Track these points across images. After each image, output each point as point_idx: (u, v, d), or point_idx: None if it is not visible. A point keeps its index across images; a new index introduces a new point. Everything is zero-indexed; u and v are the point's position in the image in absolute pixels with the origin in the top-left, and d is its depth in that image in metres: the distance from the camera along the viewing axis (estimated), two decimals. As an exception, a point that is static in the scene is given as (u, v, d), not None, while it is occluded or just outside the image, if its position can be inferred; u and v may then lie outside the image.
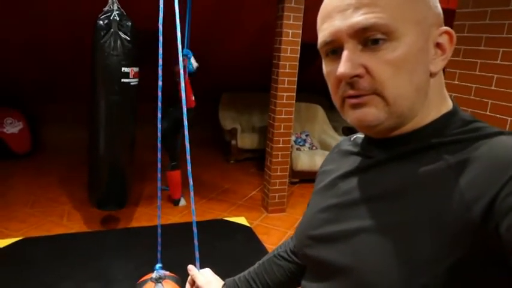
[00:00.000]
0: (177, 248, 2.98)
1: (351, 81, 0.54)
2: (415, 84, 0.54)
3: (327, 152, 5.28)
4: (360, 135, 0.71)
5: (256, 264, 0.90)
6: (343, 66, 0.54)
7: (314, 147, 5.39)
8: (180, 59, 1.38)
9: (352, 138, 0.74)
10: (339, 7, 0.54)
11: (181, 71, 1.38)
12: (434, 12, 0.57)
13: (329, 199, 0.67)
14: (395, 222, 0.54)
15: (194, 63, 3.60)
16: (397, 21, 0.52)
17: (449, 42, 0.57)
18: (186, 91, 3.69)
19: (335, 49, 0.57)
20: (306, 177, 4.94)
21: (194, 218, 1.32)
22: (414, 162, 0.56)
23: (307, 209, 0.75)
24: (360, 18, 0.52)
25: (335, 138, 5.39)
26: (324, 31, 0.57)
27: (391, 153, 0.59)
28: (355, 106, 0.56)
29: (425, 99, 0.57)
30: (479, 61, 2.08)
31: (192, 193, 1.27)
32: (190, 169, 1.38)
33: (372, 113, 0.55)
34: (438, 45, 0.57)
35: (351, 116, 0.57)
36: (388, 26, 0.52)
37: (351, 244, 0.59)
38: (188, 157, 1.34)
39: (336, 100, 0.60)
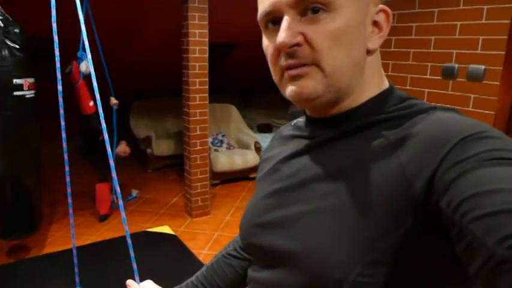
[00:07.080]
0: (98, 268, 2.78)
1: (290, 50, 0.54)
2: (353, 58, 0.55)
3: (245, 151, 5.38)
4: (300, 119, 0.70)
5: (204, 267, 0.84)
6: (282, 35, 0.53)
7: (231, 147, 5.42)
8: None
9: (292, 123, 0.73)
10: None
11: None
12: None
13: (272, 184, 0.66)
14: (338, 202, 0.54)
15: (84, 67, 3.34)
16: None
17: (386, 20, 0.58)
18: (82, 97, 3.45)
19: (275, 20, 0.56)
20: (227, 178, 4.95)
21: (127, 228, 1.23)
22: (355, 141, 0.56)
23: (251, 198, 0.73)
24: None
25: (251, 136, 5.47)
26: (264, 2, 0.56)
27: (332, 132, 0.59)
28: (293, 78, 0.55)
29: (362, 76, 0.57)
30: (412, 51, 2.16)
31: (120, 201, 1.21)
32: (115, 177, 1.30)
33: (310, 85, 0.54)
34: (375, 23, 0.57)
35: (289, 89, 0.56)
36: None
37: (296, 228, 0.58)
38: (112, 164, 1.26)
39: (275, 73, 0.59)
